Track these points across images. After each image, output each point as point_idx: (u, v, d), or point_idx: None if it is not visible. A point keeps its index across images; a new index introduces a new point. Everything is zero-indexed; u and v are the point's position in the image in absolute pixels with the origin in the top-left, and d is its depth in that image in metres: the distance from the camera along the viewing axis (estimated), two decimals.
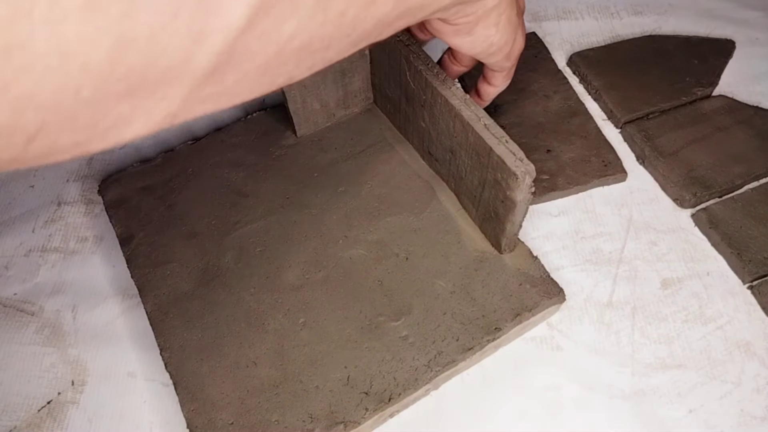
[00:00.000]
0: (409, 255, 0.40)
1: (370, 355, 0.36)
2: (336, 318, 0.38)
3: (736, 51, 0.53)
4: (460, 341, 0.36)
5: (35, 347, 0.39)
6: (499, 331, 0.37)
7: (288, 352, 0.36)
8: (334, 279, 0.39)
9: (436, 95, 0.38)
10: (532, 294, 0.38)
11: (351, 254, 0.40)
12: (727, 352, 0.39)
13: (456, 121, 0.37)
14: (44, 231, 0.44)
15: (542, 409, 0.36)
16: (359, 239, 0.41)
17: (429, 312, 0.38)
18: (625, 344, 0.39)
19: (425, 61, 0.38)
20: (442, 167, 0.42)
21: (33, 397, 0.37)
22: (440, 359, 0.36)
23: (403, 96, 0.42)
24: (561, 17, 0.57)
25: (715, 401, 0.37)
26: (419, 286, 0.39)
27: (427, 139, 0.42)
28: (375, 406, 0.34)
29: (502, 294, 0.38)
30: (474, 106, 0.36)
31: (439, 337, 0.37)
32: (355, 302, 0.38)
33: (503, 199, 0.36)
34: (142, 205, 0.43)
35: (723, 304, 0.40)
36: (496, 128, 0.35)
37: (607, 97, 0.49)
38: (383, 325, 0.37)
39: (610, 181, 0.46)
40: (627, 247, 0.43)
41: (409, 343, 0.37)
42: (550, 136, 0.47)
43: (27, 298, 0.41)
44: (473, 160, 0.37)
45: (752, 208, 0.43)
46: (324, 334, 0.37)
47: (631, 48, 0.53)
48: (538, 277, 0.39)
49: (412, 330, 0.37)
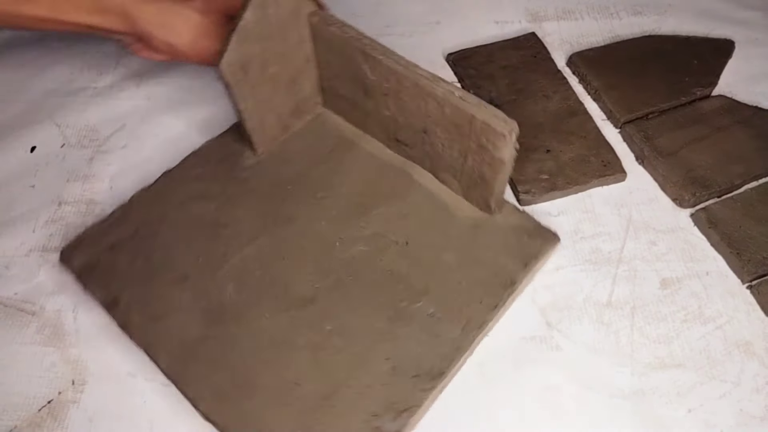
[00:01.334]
0: (408, 239, 0.41)
1: (406, 340, 0.37)
2: (360, 316, 0.38)
3: (736, 51, 0.53)
4: (484, 302, 0.38)
5: (36, 347, 0.39)
6: (515, 283, 0.39)
7: (326, 362, 0.36)
8: (344, 281, 0.39)
9: (402, 80, 0.38)
10: (532, 243, 0.40)
11: (352, 253, 0.40)
12: (727, 352, 0.39)
13: (429, 99, 0.37)
14: (45, 231, 0.44)
15: (542, 408, 0.37)
16: (355, 237, 0.41)
17: (445, 285, 0.39)
18: (624, 344, 0.39)
19: (382, 51, 0.39)
20: (413, 150, 0.43)
21: (34, 396, 0.37)
22: (472, 323, 0.37)
23: (360, 90, 0.42)
24: (561, 17, 0.57)
25: (715, 401, 0.37)
26: (428, 265, 0.40)
27: (393, 127, 0.43)
28: (429, 384, 0.35)
29: (505, 251, 0.40)
30: (444, 82, 0.37)
31: (464, 303, 0.38)
32: (372, 297, 0.38)
33: (490, 161, 0.37)
34: (116, 264, 0.40)
35: (722, 303, 0.41)
36: (470, 97, 0.36)
37: (607, 97, 0.50)
38: (408, 309, 0.38)
39: (610, 181, 0.46)
40: (626, 247, 0.43)
41: (437, 319, 0.37)
42: (549, 136, 0.47)
43: (28, 298, 0.41)
44: (452, 134, 0.38)
45: (751, 207, 0.43)
46: (355, 335, 0.37)
47: (631, 48, 0.53)
48: (531, 227, 0.41)
49: (437, 306, 0.38)
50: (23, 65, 0.53)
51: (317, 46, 0.42)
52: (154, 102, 0.51)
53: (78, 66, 0.53)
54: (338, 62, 0.42)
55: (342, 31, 0.39)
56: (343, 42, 0.40)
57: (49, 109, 0.50)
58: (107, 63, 0.53)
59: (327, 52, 0.42)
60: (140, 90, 0.52)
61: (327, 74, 0.44)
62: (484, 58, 0.52)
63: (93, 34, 0.40)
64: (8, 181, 0.46)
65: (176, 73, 0.52)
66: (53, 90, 0.52)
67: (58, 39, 0.55)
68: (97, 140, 0.49)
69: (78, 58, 0.54)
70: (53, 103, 0.51)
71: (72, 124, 0.49)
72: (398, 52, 0.38)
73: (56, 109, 0.50)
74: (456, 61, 0.53)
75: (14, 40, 0.55)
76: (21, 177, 0.47)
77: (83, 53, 0.54)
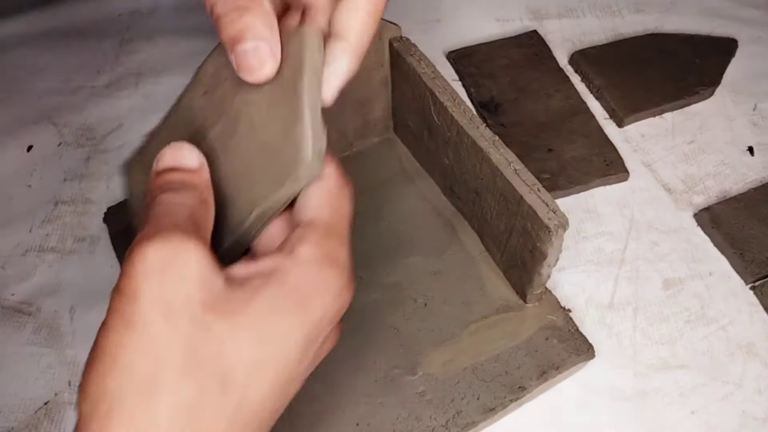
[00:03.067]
0: (427, 301, 0.38)
1: (384, 411, 0.34)
2: (349, 368, 0.35)
3: (739, 49, 0.53)
4: (481, 400, 0.34)
5: (32, 348, 0.39)
6: (524, 390, 0.35)
7: (296, 405, 0.33)
8: (347, 325, 0.37)
9: (462, 134, 0.36)
10: (560, 350, 0.36)
11: (366, 298, 0.38)
12: (729, 353, 0.38)
13: (483, 163, 0.35)
14: (41, 231, 0.44)
15: (543, 410, 0.36)
16: (375, 282, 0.38)
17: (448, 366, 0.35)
18: (626, 345, 0.39)
19: (452, 97, 0.36)
20: (465, 206, 0.40)
21: (30, 398, 0.37)
22: (459, 419, 0.34)
23: (426, 129, 0.40)
24: (563, 15, 0.56)
25: (717, 402, 0.37)
26: (438, 336, 0.36)
27: (450, 176, 0.40)
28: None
29: (526, 349, 0.36)
30: (503, 148, 0.34)
31: (459, 394, 0.34)
32: (369, 352, 0.36)
33: (532, 249, 0.34)
34: None
35: (725, 304, 0.40)
36: (527, 174, 0.33)
37: (609, 95, 0.49)
38: (399, 379, 0.35)
39: (612, 180, 0.45)
40: (629, 248, 0.43)
41: (426, 400, 0.34)
42: (551, 135, 0.47)
43: (24, 299, 0.41)
44: (500, 205, 0.35)
45: (755, 208, 0.43)
46: (336, 387, 0.35)
47: (633, 46, 0.53)
48: (566, 331, 0.37)
49: (430, 385, 0.35)
50: (20, 64, 0.53)
51: (394, 73, 0.41)
52: (152, 101, 0.50)
53: (75, 65, 0.53)
54: (410, 94, 0.40)
55: (418, 65, 0.38)
56: (417, 76, 0.38)
57: (46, 108, 0.50)
58: (105, 62, 0.53)
59: (402, 80, 0.40)
60: (138, 89, 0.51)
61: (400, 102, 0.42)
62: (485, 57, 0.52)
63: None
64: (4, 181, 0.46)
65: (175, 72, 0.52)
66: (50, 89, 0.51)
67: (55, 37, 0.55)
68: (95, 139, 0.48)
69: (75, 56, 0.53)
70: (50, 102, 0.50)
71: (69, 123, 0.49)
72: None
73: (53, 108, 0.50)
74: (457, 59, 0.52)
75: (10, 39, 0.55)
76: (17, 176, 0.46)
77: (81, 52, 0.54)
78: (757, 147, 0.48)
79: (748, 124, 0.49)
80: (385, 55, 0.40)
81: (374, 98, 0.42)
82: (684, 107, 0.50)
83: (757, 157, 0.47)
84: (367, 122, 0.44)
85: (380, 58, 0.40)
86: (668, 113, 0.50)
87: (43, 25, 0.56)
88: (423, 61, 0.38)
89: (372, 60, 0.39)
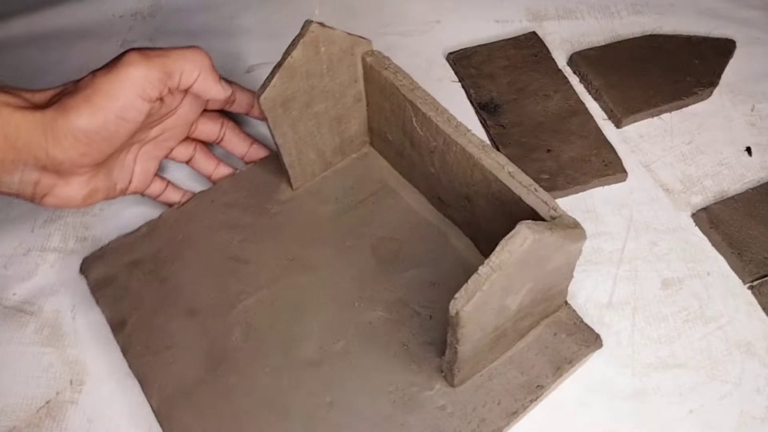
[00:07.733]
0: (432, 312, 0.37)
1: (408, 430, 0.33)
2: (364, 392, 0.35)
3: (737, 50, 0.53)
4: (502, 405, 0.34)
5: (34, 347, 0.39)
6: (542, 388, 0.34)
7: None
8: (355, 348, 0.36)
9: (449, 143, 0.35)
10: (569, 343, 0.36)
11: (369, 318, 0.37)
12: (728, 352, 0.38)
13: (475, 169, 0.34)
14: (43, 230, 0.44)
15: (542, 409, 0.36)
16: (376, 300, 0.38)
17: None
18: (625, 344, 0.39)
19: (434, 107, 0.36)
20: (456, 213, 0.40)
21: (32, 397, 0.37)
22: (484, 427, 0.33)
23: (408, 141, 0.40)
24: (561, 17, 0.57)
25: (716, 401, 0.37)
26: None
27: (436, 185, 0.40)
28: None
29: (537, 347, 0.36)
30: (494, 152, 0.34)
31: (480, 402, 0.34)
32: (382, 372, 0.35)
33: None
34: (131, 283, 0.39)
35: (723, 304, 0.40)
36: (522, 175, 0.33)
37: (608, 96, 0.49)
38: (417, 396, 0.34)
39: (611, 180, 0.46)
40: (627, 247, 0.43)
41: (448, 414, 0.34)
42: (550, 136, 0.47)
43: (26, 298, 0.41)
44: (496, 209, 0.35)
45: (753, 208, 0.43)
46: (355, 413, 0.34)
47: (632, 47, 0.53)
48: (572, 324, 0.36)
49: (450, 398, 0.34)
50: (22, 65, 0.53)
51: (368, 87, 0.40)
52: None
53: (77, 66, 0.53)
54: (388, 107, 0.39)
55: (395, 78, 0.37)
56: (395, 89, 0.37)
57: None
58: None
59: (378, 94, 0.40)
60: None
61: (376, 116, 0.42)
62: (485, 58, 0.52)
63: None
64: None
65: None
66: None
67: (57, 38, 0.55)
68: None
69: (77, 58, 0.53)
70: None
71: None
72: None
73: None
74: (456, 61, 0.52)
75: (13, 39, 0.55)
76: None
77: (83, 53, 0.54)
78: (755, 147, 0.48)
79: (746, 124, 0.49)
80: (358, 70, 0.39)
81: (349, 114, 0.42)
82: (682, 108, 0.50)
83: (755, 157, 0.47)
84: (344, 139, 0.43)
85: (353, 73, 0.39)
86: (666, 114, 0.50)
87: (45, 26, 0.56)
88: (399, 74, 0.38)
89: (345, 77, 0.39)
